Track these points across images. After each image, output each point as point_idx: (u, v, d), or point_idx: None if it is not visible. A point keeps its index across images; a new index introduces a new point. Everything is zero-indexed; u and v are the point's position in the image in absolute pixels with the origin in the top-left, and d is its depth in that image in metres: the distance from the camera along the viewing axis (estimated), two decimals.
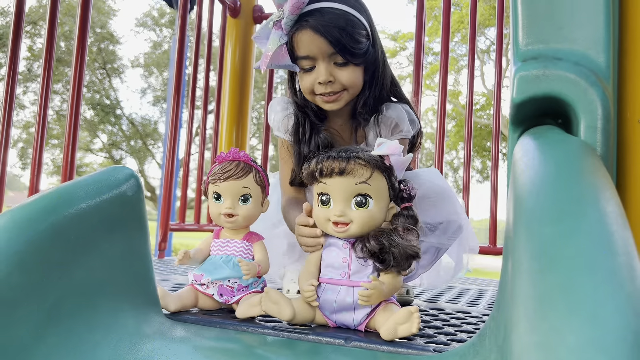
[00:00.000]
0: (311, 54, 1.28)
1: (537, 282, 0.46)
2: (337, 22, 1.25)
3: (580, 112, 0.73)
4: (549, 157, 0.63)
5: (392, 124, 1.39)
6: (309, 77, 1.32)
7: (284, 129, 1.44)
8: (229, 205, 1.16)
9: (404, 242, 0.99)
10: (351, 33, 1.26)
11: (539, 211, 0.53)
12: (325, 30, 1.24)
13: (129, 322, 0.95)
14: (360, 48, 1.28)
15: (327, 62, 1.29)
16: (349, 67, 1.30)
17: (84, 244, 0.88)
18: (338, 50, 1.26)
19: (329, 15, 1.25)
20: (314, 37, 1.25)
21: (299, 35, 1.27)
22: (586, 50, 0.75)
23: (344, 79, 1.30)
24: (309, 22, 1.25)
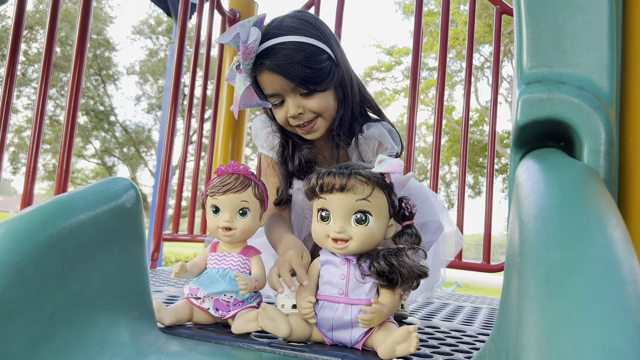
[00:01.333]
0: (275, 91, 1.31)
1: (545, 309, 0.46)
2: (291, 58, 1.25)
3: (584, 136, 0.73)
4: (554, 181, 0.63)
5: (375, 144, 1.39)
6: (281, 112, 1.34)
7: (268, 146, 1.44)
8: (227, 219, 1.15)
9: (413, 263, 0.99)
10: (308, 64, 1.26)
11: (546, 236, 0.53)
12: (281, 69, 1.25)
13: (124, 335, 0.93)
14: (322, 75, 1.28)
15: (293, 96, 1.30)
16: (316, 95, 1.31)
17: (81, 256, 0.87)
18: (299, 84, 1.27)
19: (282, 52, 1.25)
20: (273, 76, 1.27)
21: (260, 77, 1.30)
22: (590, 75, 0.76)
23: (314, 107, 1.31)
24: (265, 63, 1.27)
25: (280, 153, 1.42)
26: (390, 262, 0.98)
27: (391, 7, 48.59)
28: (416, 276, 0.99)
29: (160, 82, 18.48)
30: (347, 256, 1.04)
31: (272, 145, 1.44)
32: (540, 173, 0.67)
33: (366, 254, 1.02)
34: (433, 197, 1.46)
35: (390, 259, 0.98)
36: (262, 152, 1.47)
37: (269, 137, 1.44)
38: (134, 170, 19.04)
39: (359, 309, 1.01)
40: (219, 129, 3.11)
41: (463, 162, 2.73)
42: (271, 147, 1.44)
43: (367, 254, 1.02)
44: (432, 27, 15.25)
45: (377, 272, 0.99)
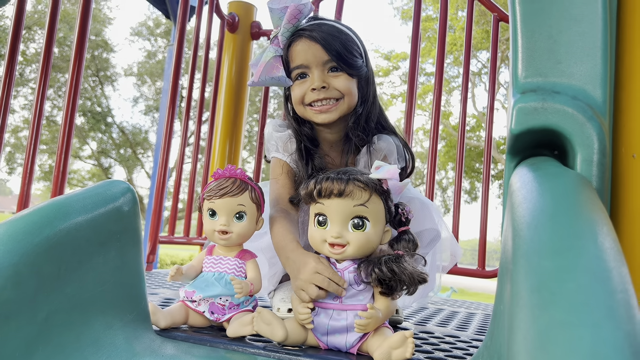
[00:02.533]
0: (305, 62, 1.32)
1: (537, 317, 0.46)
2: (334, 33, 1.31)
3: (577, 146, 0.74)
4: (547, 189, 0.64)
5: (381, 156, 1.39)
6: (302, 86, 1.34)
7: (284, 150, 1.42)
8: (224, 222, 1.16)
9: (413, 269, 0.99)
10: (346, 45, 1.31)
11: (538, 244, 0.54)
12: (322, 37, 1.29)
13: (119, 338, 0.94)
14: (355, 60, 1.33)
15: (321, 70, 1.32)
16: (343, 75, 1.32)
17: (78, 258, 0.88)
18: (333, 57, 1.30)
19: (326, 27, 1.32)
20: (310, 44, 1.30)
21: (294, 45, 1.33)
22: (584, 85, 0.77)
23: (338, 85, 1.32)
24: (306, 31, 1.31)
25: (299, 158, 1.40)
26: (392, 269, 0.98)
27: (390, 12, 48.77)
28: (416, 282, 0.99)
29: (158, 84, 18.47)
30: (342, 265, 1.05)
31: (288, 148, 1.42)
32: (533, 181, 0.68)
33: (367, 260, 1.03)
34: (430, 204, 1.47)
35: (391, 265, 0.99)
36: (276, 156, 1.44)
37: (286, 141, 1.42)
38: (130, 171, 19.00)
39: (354, 314, 1.02)
40: (216, 131, 3.11)
41: (459, 167, 2.74)
42: (286, 149, 1.42)
43: (368, 260, 1.03)
44: (430, 33, 15.31)
45: (378, 279, 0.99)
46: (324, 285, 1.01)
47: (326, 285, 1.01)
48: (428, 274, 1.03)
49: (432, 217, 1.42)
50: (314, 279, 1.02)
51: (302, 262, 1.07)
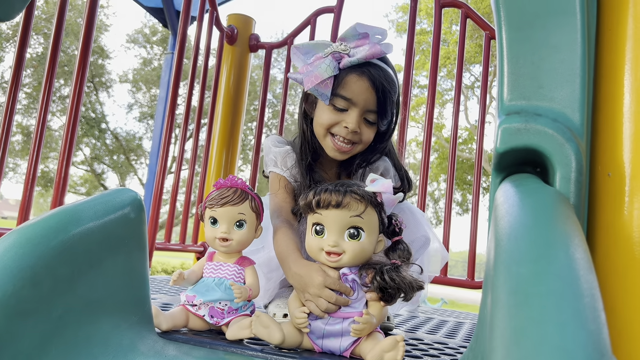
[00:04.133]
0: (354, 99, 1.32)
1: (512, 316, 0.52)
2: (390, 87, 1.33)
3: (557, 164, 0.81)
4: (527, 204, 0.70)
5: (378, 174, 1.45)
6: (334, 116, 1.35)
7: (283, 165, 1.47)
8: (225, 230, 1.21)
9: (411, 278, 1.06)
10: (393, 99, 1.35)
11: (516, 253, 0.60)
12: (382, 89, 1.31)
13: (125, 338, 0.99)
14: (391, 115, 1.38)
15: (360, 115, 1.34)
16: (373, 127, 1.38)
17: (89, 261, 0.93)
18: (378, 110, 1.34)
19: (388, 78, 1.33)
20: (368, 88, 1.31)
21: (354, 76, 1.31)
22: (563, 109, 0.84)
23: (365, 136, 1.37)
24: (371, 72, 1.30)
25: (300, 172, 1.45)
26: (393, 278, 1.04)
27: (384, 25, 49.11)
28: (415, 290, 1.06)
29: (153, 91, 18.52)
30: (339, 271, 1.11)
31: (286, 163, 1.46)
32: (515, 196, 0.74)
33: (368, 268, 1.09)
34: (419, 214, 1.54)
35: (392, 275, 1.05)
36: (274, 171, 1.47)
37: (285, 156, 1.47)
38: (123, 178, 18.99)
39: (350, 319, 1.07)
40: (213, 140, 3.17)
41: (451, 179, 2.81)
42: (284, 164, 1.46)
43: (370, 268, 1.09)
44: (424, 46, 15.50)
45: (380, 287, 1.05)
46: (332, 300, 1.06)
47: (334, 300, 1.06)
48: (424, 281, 1.09)
49: (421, 225, 1.49)
50: (323, 294, 1.07)
51: (309, 276, 1.11)
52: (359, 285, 1.10)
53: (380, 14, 44.59)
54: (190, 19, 2.70)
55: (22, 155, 16.55)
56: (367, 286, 1.09)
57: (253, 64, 3.44)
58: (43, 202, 21.79)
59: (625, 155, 0.83)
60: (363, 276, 1.09)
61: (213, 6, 2.94)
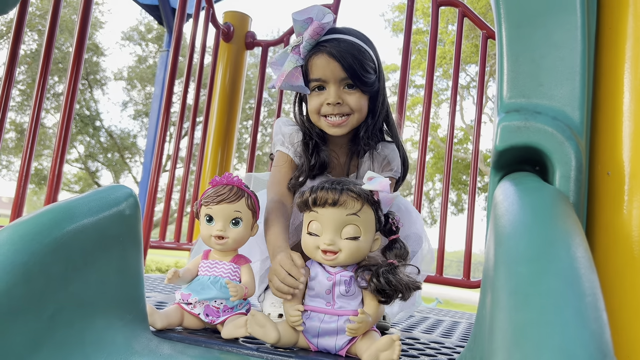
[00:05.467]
0: (324, 76, 1.38)
1: (513, 316, 0.52)
2: (352, 51, 1.36)
3: (556, 163, 0.80)
4: (527, 203, 0.69)
5: (384, 161, 1.48)
6: (318, 98, 1.41)
7: (289, 143, 1.50)
8: (220, 228, 1.20)
9: (408, 279, 1.05)
10: (362, 62, 1.37)
11: (516, 252, 0.60)
12: (340, 55, 1.35)
13: (119, 337, 0.97)
14: (369, 77, 1.40)
15: (337, 86, 1.39)
16: (357, 93, 1.40)
17: (83, 259, 0.91)
18: (350, 75, 1.37)
19: (345, 43, 1.37)
20: (329, 61, 1.36)
21: (315, 59, 1.38)
22: (563, 107, 0.83)
23: (352, 102, 1.40)
24: (326, 47, 1.37)
25: (304, 149, 1.48)
26: (389, 280, 1.04)
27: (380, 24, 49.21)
28: (411, 290, 1.05)
29: (147, 88, 18.44)
30: (333, 271, 1.10)
31: (294, 143, 1.50)
32: (515, 195, 0.73)
33: (366, 268, 1.08)
34: (415, 213, 1.54)
35: (388, 276, 1.04)
36: (281, 149, 1.52)
37: (292, 135, 1.50)
38: (117, 176, 18.90)
39: (345, 318, 1.06)
40: (209, 138, 3.16)
41: (447, 179, 2.80)
42: (292, 144, 1.50)
43: (367, 268, 1.08)
44: (420, 45, 15.51)
45: (377, 289, 1.05)
46: (280, 278, 1.09)
47: (282, 277, 1.09)
48: (420, 281, 1.09)
49: (415, 224, 1.49)
50: (276, 272, 1.11)
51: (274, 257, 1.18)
52: (354, 283, 1.09)
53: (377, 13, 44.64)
54: (186, 16, 2.68)
55: (16, 153, 16.45)
56: (363, 288, 1.08)
57: (249, 62, 3.42)
58: (37, 199, 21.67)
59: (625, 154, 0.83)
60: (360, 278, 1.08)
61: (209, 3, 2.92)
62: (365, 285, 1.07)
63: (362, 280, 1.07)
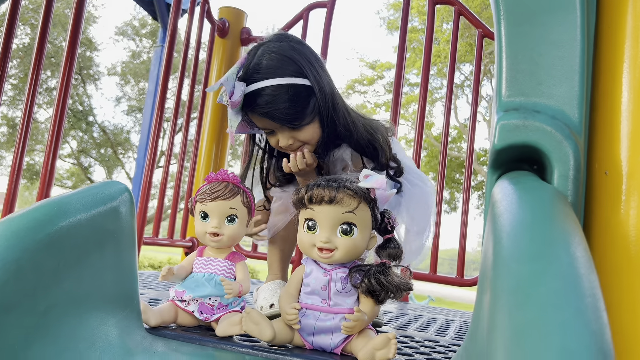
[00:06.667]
0: (267, 127, 1.38)
1: (513, 317, 0.51)
2: (275, 104, 1.29)
3: (555, 162, 0.80)
4: (526, 202, 0.69)
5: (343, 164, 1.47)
6: (273, 139, 1.41)
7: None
8: (216, 225, 1.19)
9: (399, 280, 1.05)
10: (291, 106, 1.31)
11: (516, 251, 0.59)
12: (269, 114, 1.32)
13: (113, 334, 0.96)
14: (305, 112, 1.34)
15: (283, 131, 1.36)
16: (304, 128, 1.36)
17: (76, 255, 0.90)
18: (287, 125, 1.34)
19: (265, 98, 1.29)
20: (262, 119, 1.34)
21: (250, 116, 1.36)
22: (562, 106, 0.83)
23: (302, 137, 1.38)
24: (252, 108, 1.32)
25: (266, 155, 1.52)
26: (380, 281, 1.03)
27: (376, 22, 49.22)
28: (402, 291, 1.05)
29: (141, 84, 18.35)
30: (329, 267, 1.09)
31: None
32: (513, 194, 0.73)
33: (358, 268, 1.07)
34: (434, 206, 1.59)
35: (379, 277, 1.04)
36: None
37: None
38: (110, 171, 18.82)
39: (341, 316, 1.06)
40: (203, 134, 3.14)
41: (441, 178, 2.81)
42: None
43: (360, 269, 1.07)
44: (415, 44, 15.52)
45: (367, 290, 1.04)
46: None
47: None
48: (412, 284, 1.08)
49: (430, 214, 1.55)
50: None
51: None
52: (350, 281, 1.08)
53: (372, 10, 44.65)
54: (181, 11, 2.66)
55: (7, 148, 16.33)
56: (355, 288, 1.07)
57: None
58: (28, 195, 21.52)
59: (623, 154, 0.82)
60: (355, 278, 1.07)
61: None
62: (357, 283, 1.06)
63: (356, 280, 1.07)
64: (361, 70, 18.43)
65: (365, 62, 18.87)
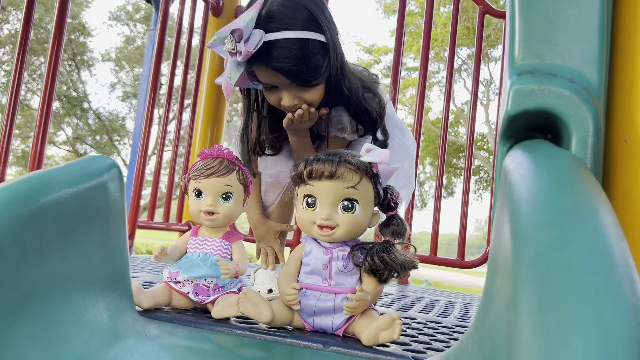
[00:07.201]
0: (272, 83, 1.28)
1: (539, 289, 0.46)
2: (292, 56, 1.20)
3: (573, 128, 0.74)
4: (545, 168, 0.64)
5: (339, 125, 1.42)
6: (274, 96, 1.32)
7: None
8: (210, 203, 1.14)
9: (404, 258, 1.00)
10: (307, 63, 1.22)
11: (537, 217, 0.54)
12: (281, 68, 1.21)
13: (102, 316, 0.91)
14: (318, 72, 1.26)
15: (289, 88, 1.28)
16: (315, 88, 1.29)
17: (61, 231, 0.85)
18: (297, 82, 1.26)
19: (282, 50, 1.19)
20: (272, 72, 1.24)
21: (257, 68, 1.25)
22: (580, 68, 0.77)
23: (309, 98, 1.30)
24: (264, 60, 1.21)
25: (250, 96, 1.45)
26: (384, 259, 0.98)
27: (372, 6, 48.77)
28: (407, 269, 1.00)
29: (136, 70, 18.17)
30: (330, 246, 1.04)
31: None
32: (530, 162, 0.68)
33: (360, 246, 1.02)
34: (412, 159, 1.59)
35: (382, 255, 0.98)
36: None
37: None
38: None
39: (342, 296, 1.01)
40: (197, 118, 3.07)
41: (441, 163, 2.75)
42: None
43: (362, 247, 1.02)
44: (412, 27, 15.37)
45: (370, 269, 0.99)
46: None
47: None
48: (417, 261, 1.03)
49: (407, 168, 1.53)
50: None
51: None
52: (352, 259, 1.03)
53: None
54: None
55: None
56: (358, 267, 1.02)
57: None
58: None
59: None
60: (357, 256, 1.02)
61: None
62: (360, 262, 1.01)
63: (358, 258, 1.02)
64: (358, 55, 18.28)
65: (362, 46, 18.72)
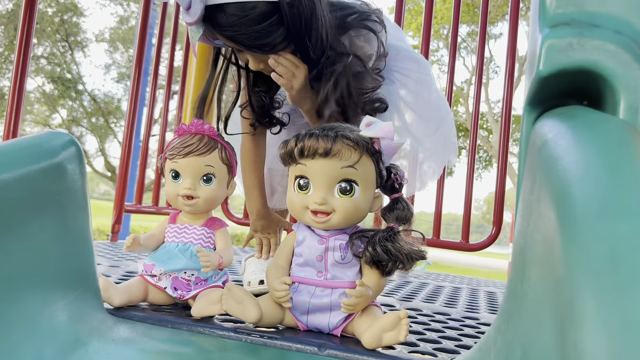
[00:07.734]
0: (233, 47, 1.18)
1: (621, 303, 0.33)
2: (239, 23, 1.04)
3: (621, 90, 0.60)
4: (596, 138, 0.50)
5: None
6: (242, 56, 1.22)
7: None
8: (189, 186, 1.00)
9: (410, 248, 0.86)
10: (260, 30, 1.05)
11: (601, 203, 0.41)
12: (232, 37, 1.07)
13: (60, 319, 0.78)
14: (272, 39, 1.08)
15: (251, 52, 1.14)
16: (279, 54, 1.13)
17: (5, 223, 0.71)
18: (252, 50, 1.12)
19: (228, 17, 1.04)
20: (227, 41, 1.10)
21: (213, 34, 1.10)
22: (628, 17, 0.63)
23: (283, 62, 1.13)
24: (215, 27, 1.07)
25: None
26: (387, 249, 0.85)
27: None
28: (414, 261, 0.86)
29: (131, 51, 17.84)
30: (326, 234, 0.91)
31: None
32: (573, 131, 0.54)
33: (360, 234, 0.89)
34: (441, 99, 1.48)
35: (386, 245, 0.85)
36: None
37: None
38: (102, 141, 18.50)
39: (340, 291, 0.88)
40: (187, 99, 2.92)
41: None
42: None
43: (362, 235, 0.88)
44: (411, 5, 15.07)
45: (372, 260, 0.86)
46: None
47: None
48: (426, 250, 0.90)
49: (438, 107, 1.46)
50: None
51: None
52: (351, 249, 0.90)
53: None
54: None
55: None
56: (358, 256, 0.89)
57: None
58: None
59: None
60: (356, 245, 0.89)
61: None
62: (360, 252, 0.88)
63: (358, 248, 0.89)
64: None
65: None
